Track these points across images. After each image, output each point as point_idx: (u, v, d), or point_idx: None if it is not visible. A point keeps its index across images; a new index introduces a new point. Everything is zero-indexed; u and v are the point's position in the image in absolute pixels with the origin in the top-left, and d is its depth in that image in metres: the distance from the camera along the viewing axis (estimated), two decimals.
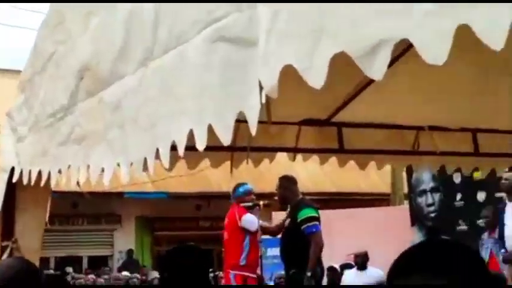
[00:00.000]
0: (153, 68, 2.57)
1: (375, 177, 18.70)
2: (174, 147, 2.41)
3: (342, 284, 10.94)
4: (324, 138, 4.94)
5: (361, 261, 10.74)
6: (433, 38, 1.51)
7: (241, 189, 8.49)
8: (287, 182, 8.14)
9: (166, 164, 2.46)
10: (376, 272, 10.64)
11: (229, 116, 2.12)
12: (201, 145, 2.27)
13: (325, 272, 9.02)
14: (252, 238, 8.26)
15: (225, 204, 9.20)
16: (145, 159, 2.63)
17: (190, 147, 2.34)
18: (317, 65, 1.74)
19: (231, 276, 8.38)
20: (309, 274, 7.57)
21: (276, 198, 8.40)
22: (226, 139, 2.16)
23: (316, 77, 1.75)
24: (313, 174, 17.55)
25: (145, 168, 2.70)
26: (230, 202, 8.72)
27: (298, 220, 7.77)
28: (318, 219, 7.81)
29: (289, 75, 1.84)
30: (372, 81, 4.09)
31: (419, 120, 5.03)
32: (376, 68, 1.63)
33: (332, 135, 4.94)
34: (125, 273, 13.43)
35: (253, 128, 2.02)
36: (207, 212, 21.29)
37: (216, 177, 17.82)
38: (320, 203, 9.65)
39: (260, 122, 2.03)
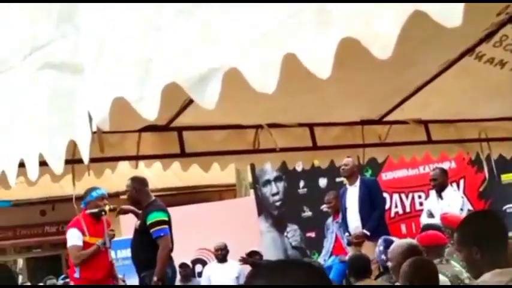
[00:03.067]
0: None
1: (219, 169, 18.75)
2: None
3: (203, 277, 10.98)
4: (165, 144, 4.89)
5: (222, 254, 10.81)
6: (260, 67, 1.51)
7: (94, 194, 8.15)
8: (138, 184, 8.01)
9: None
10: (236, 264, 10.76)
11: (60, 145, 2.05)
12: (33, 175, 2.18)
13: (178, 270, 9.01)
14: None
15: (70, 207, 8.87)
16: None
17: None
18: (149, 96, 1.71)
19: None
20: (155, 279, 7.52)
21: (125, 197, 8.24)
22: (58, 169, 2.09)
23: (148, 108, 1.71)
24: (158, 169, 17.37)
25: None
26: (79, 206, 8.32)
27: (147, 224, 7.69)
28: (167, 222, 7.74)
29: None
30: None
31: (257, 119, 5.08)
32: (208, 97, 1.62)
33: (173, 139, 4.90)
34: None
35: (85, 158, 1.97)
36: (53, 217, 20.77)
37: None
38: (167, 198, 9.59)
39: (95, 132, 1.98)
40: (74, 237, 8.06)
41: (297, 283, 1.38)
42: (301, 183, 11.60)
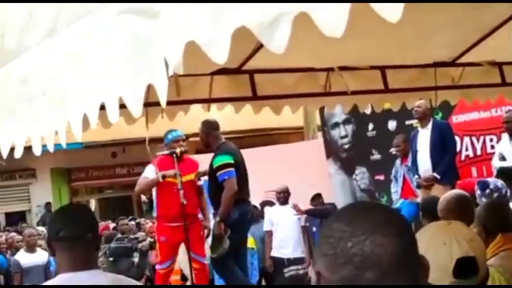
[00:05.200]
0: (60, 39, 2.49)
1: (287, 112, 18.78)
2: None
3: (265, 220, 11.04)
4: (237, 87, 4.93)
5: (284, 197, 10.83)
6: (330, 11, 1.51)
7: (170, 136, 8.36)
8: (207, 128, 8.10)
9: (79, 137, 2.44)
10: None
11: (139, 89, 2.09)
12: (113, 118, 2.23)
13: None
14: (158, 188, 8.25)
15: (140, 149, 9.02)
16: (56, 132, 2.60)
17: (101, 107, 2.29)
18: (218, 39, 1.73)
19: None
20: (217, 219, 7.64)
21: (195, 139, 8.33)
22: (137, 112, 2.13)
23: (218, 51, 1.74)
24: (226, 112, 17.43)
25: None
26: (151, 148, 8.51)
27: (214, 167, 7.80)
28: (233, 165, 7.78)
29: None
30: None
31: (329, 62, 5.06)
32: (277, 41, 1.63)
33: (245, 82, 4.93)
34: (43, 228, 13.19)
35: (163, 101, 2.01)
36: (123, 158, 21.20)
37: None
38: (235, 141, 9.63)
39: (171, 76, 2.01)
40: (146, 171, 8.35)
41: (377, 225, 1.39)
42: (370, 126, 11.52)
